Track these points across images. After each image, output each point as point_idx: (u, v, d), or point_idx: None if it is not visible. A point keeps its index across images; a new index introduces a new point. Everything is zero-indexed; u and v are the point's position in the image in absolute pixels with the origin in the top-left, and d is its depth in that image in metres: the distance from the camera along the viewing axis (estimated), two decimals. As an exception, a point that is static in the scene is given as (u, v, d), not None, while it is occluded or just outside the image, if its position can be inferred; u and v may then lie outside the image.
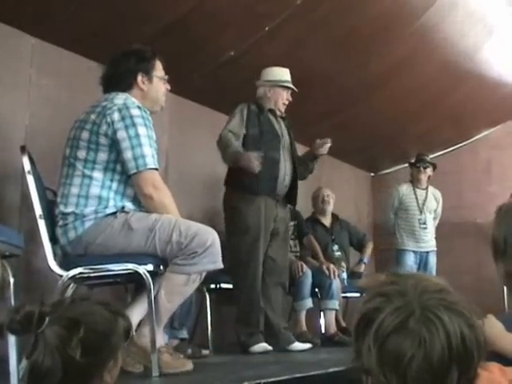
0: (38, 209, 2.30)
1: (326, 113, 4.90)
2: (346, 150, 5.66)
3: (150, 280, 2.21)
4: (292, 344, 3.62)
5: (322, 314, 4.49)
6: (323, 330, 4.45)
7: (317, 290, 4.45)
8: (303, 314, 4.31)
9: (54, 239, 2.34)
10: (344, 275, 4.80)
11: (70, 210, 2.32)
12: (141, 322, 2.30)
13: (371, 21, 4.01)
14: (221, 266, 2.35)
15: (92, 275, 2.31)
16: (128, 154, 2.29)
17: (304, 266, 4.37)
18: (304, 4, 3.64)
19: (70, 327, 1.08)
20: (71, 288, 2.42)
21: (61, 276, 2.26)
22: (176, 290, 2.29)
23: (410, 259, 5.25)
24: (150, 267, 2.26)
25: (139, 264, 2.24)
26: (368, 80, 4.69)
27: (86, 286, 2.58)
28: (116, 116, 2.31)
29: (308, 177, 4.04)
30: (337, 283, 4.42)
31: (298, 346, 3.63)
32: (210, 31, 3.71)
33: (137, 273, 2.24)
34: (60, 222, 2.34)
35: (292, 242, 4.48)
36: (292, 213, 4.24)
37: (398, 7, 4.01)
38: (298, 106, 3.84)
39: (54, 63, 3.48)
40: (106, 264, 2.29)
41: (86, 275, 2.30)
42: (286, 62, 3.86)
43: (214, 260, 2.31)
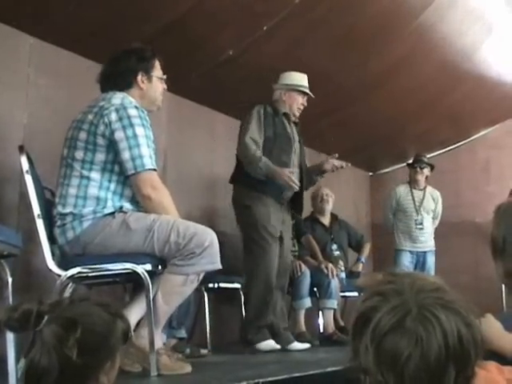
0: (37, 208, 2.29)
1: (324, 112, 4.88)
2: (344, 150, 5.64)
3: (149, 279, 2.21)
4: (291, 344, 3.63)
5: (321, 313, 4.50)
6: (322, 329, 4.46)
7: (315, 289, 4.46)
8: (302, 313, 4.32)
9: (52, 239, 2.33)
10: (342, 275, 4.80)
11: (68, 210, 2.31)
12: (139, 323, 2.29)
13: (370, 20, 4.01)
14: (219, 266, 2.34)
15: (90, 275, 2.31)
16: (126, 155, 2.29)
17: (303, 265, 4.38)
18: (302, 3, 3.64)
19: (67, 327, 1.08)
20: (70, 288, 2.41)
21: (59, 276, 2.26)
22: (174, 291, 2.29)
23: (407, 259, 5.29)
24: (149, 267, 2.25)
25: (137, 264, 2.24)
26: (367, 79, 4.69)
27: (84, 286, 2.58)
28: (113, 116, 2.30)
29: (309, 188, 4.10)
30: (335, 282, 4.43)
31: (296, 345, 3.65)
32: (208, 30, 3.70)
33: (135, 272, 2.24)
34: (58, 223, 2.33)
35: (290, 241, 4.48)
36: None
37: (396, 6, 4.01)
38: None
39: (52, 63, 3.47)
40: (104, 264, 2.28)
41: (84, 275, 2.29)
42: (285, 61, 3.87)
43: (213, 261, 2.30)
